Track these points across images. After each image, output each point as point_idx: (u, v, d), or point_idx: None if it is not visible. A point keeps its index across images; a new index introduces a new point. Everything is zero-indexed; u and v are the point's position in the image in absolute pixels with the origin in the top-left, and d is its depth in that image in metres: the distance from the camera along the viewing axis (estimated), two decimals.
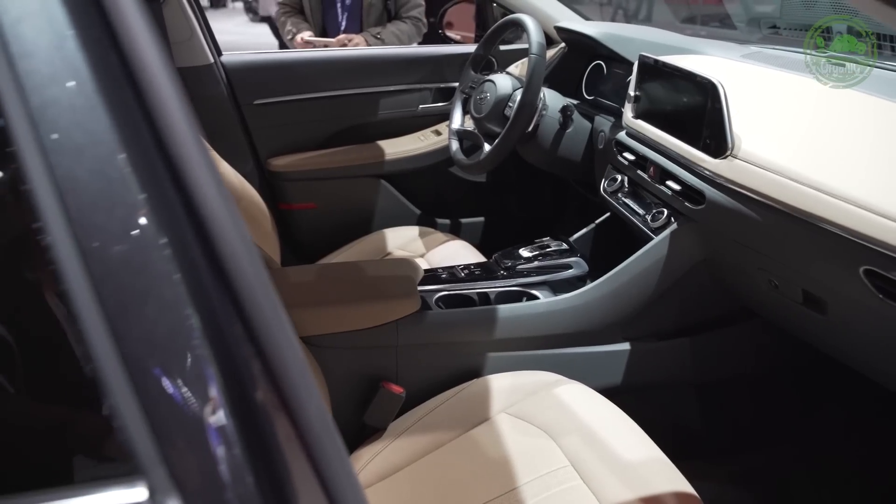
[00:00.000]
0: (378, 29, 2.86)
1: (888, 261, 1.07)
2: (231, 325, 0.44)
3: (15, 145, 0.39)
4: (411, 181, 2.55)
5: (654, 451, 1.26)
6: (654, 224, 1.65)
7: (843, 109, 1.39)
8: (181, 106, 0.45)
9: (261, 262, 0.46)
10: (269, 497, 0.44)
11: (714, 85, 1.45)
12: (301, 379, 0.45)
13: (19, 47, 0.40)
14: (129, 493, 0.40)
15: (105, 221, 0.42)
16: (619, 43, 2.02)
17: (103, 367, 0.40)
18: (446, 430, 1.39)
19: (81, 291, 0.39)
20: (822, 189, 1.18)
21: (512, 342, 1.62)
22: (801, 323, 1.47)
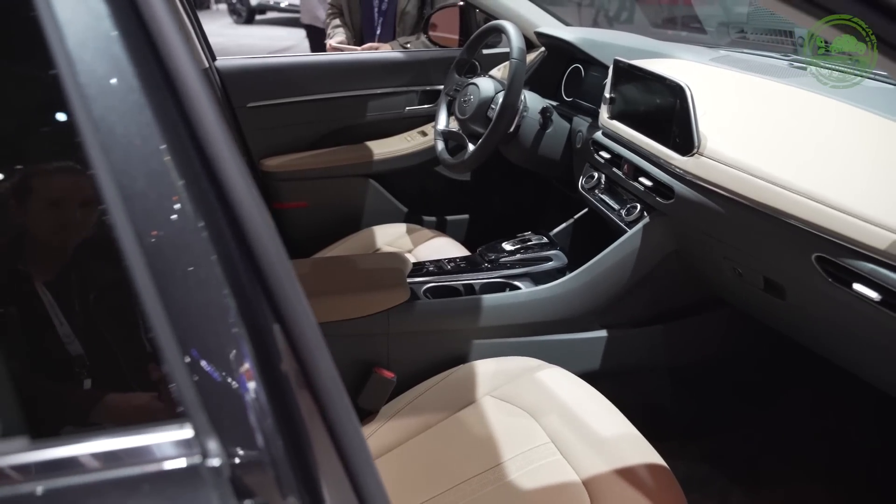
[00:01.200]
0: (408, 38, 2.89)
1: (837, 248, 1.16)
2: (259, 302, 0.52)
3: (83, 143, 0.47)
4: (398, 180, 2.58)
5: (629, 428, 1.34)
6: (628, 218, 1.73)
7: (800, 110, 1.48)
8: (212, 106, 0.52)
9: (282, 246, 0.53)
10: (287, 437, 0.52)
11: (682, 88, 1.52)
12: (319, 350, 0.53)
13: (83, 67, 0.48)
14: (180, 432, 0.48)
15: (153, 207, 0.49)
16: (596, 47, 2.09)
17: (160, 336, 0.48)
18: (435, 412, 1.45)
19: (139, 267, 0.47)
20: (779, 184, 1.27)
21: (496, 330, 1.69)
22: (765, 308, 1.56)
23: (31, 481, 0.45)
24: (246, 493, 0.49)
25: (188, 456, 0.47)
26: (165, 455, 0.47)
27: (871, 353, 1.32)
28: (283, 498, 0.52)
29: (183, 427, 0.48)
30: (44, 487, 0.44)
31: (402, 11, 2.94)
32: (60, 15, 0.47)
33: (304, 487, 0.53)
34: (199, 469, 0.47)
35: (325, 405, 0.55)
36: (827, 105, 1.44)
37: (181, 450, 0.47)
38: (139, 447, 0.46)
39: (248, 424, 0.50)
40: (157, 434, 0.47)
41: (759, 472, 1.80)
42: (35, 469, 0.45)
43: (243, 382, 0.51)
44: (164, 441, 0.47)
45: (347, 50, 2.82)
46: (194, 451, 0.47)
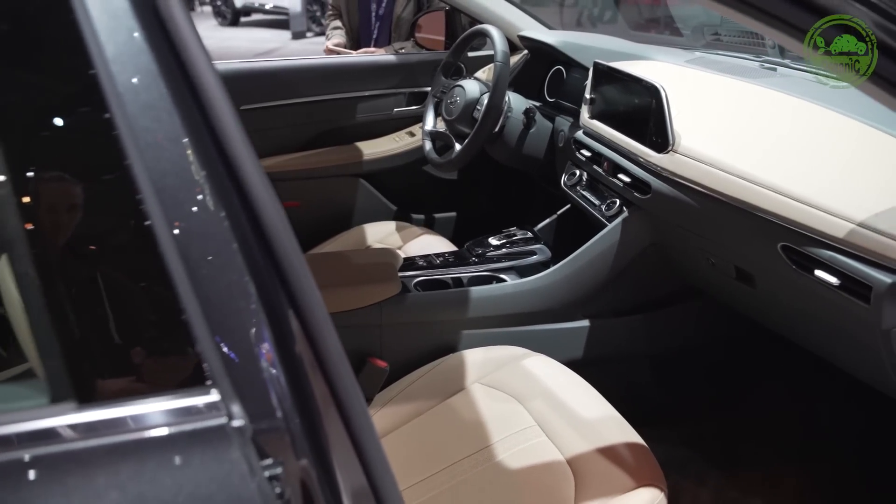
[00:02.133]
0: (403, 44, 2.93)
1: (800, 237, 1.24)
2: (275, 287, 0.59)
3: (120, 139, 0.53)
4: (387, 179, 2.63)
5: (610, 411, 1.41)
6: (609, 213, 1.80)
7: (768, 109, 1.56)
8: (230, 109, 0.59)
9: (294, 237, 0.60)
10: (300, 408, 0.58)
11: (657, 89, 1.60)
12: (327, 331, 0.60)
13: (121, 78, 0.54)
14: (207, 397, 0.54)
15: (180, 198, 0.56)
16: (576, 50, 2.16)
17: (190, 314, 0.54)
18: (427, 399, 1.51)
19: (170, 252, 0.54)
20: (747, 178, 1.35)
21: (483, 320, 1.75)
22: (737, 296, 1.64)
23: (82, 440, 0.51)
24: (265, 453, 0.56)
25: (215, 417, 0.54)
26: (196, 416, 0.53)
27: (834, 336, 1.40)
28: (297, 460, 0.58)
29: (210, 393, 0.54)
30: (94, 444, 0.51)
31: (397, 17, 2.99)
32: (102, 37, 0.53)
33: (314, 452, 0.59)
34: (225, 428, 0.54)
35: (333, 382, 0.62)
36: (792, 104, 1.52)
37: (210, 412, 0.54)
38: (174, 409, 0.53)
39: (266, 394, 0.57)
40: (189, 399, 0.54)
41: (736, 454, 1.87)
42: (85, 428, 0.51)
43: (262, 357, 0.57)
44: (194, 404, 0.54)
45: (343, 53, 2.88)
46: (221, 413, 0.54)
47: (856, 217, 1.15)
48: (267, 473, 0.55)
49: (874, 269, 1.12)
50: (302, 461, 0.59)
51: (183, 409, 0.53)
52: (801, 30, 0.83)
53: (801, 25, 0.83)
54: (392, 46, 2.94)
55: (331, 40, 3.00)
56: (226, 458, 0.54)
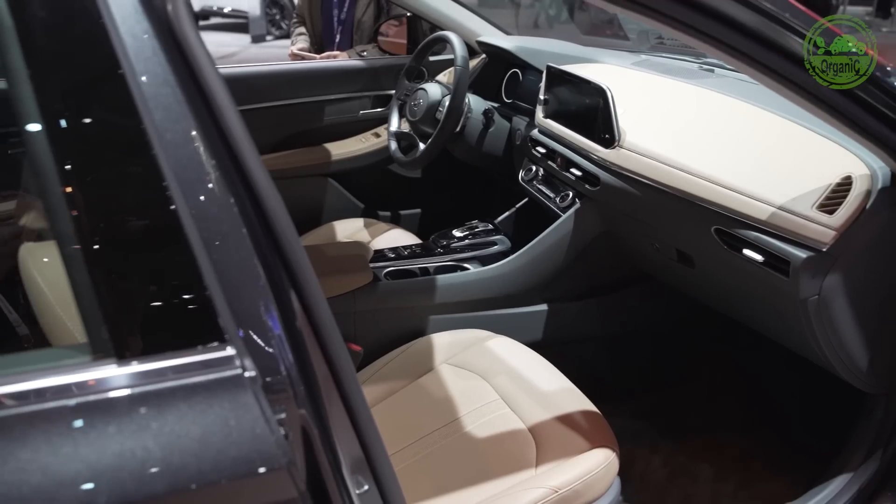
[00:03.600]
0: (365, 46, 3.00)
1: (730, 221, 1.38)
2: (278, 268, 0.70)
3: (147, 134, 0.64)
4: (355, 178, 2.71)
5: (566, 384, 1.52)
6: (562, 204, 1.92)
7: (703, 107, 1.70)
8: (233, 106, 0.70)
9: (292, 224, 0.70)
10: (300, 367, 0.69)
11: (604, 90, 1.73)
12: (322, 305, 0.71)
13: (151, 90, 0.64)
14: (224, 351, 0.65)
15: (196, 184, 0.66)
16: (531, 54, 2.28)
17: (210, 287, 0.65)
18: (399, 379, 1.60)
19: (191, 228, 0.64)
20: (684, 169, 1.48)
21: (449, 306, 1.86)
22: (680, 277, 1.78)
23: (123, 389, 0.61)
24: (271, 401, 0.67)
25: (232, 369, 0.65)
26: (217, 368, 0.64)
27: (764, 309, 1.54)
28: (298, 409, 0.69)
29: (227, 349, 0.65)
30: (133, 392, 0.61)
31: (358, 20, 3.06)
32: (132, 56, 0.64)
33: (311, 403, 0.71)
34: (240, 378, 0.64)
35: (326, 346, 0.73)
36: (725, 102, 1.66)
37: (227, 365, 0.64)
38: (199, 362, 0.63)
39: (272, 354, 0.68)
40: (211, 354, 0.64)
41: (684, 424, 2.00)
42: (126, 380, 0.62)
43: (269, 324, 0.68)
44: (215, 357, 0.64)
45: (307, 57, 2.96)
46: (237, 366, 0.65)
47: (776, 201, 1.30)
48: (274, 416, 0.66)
49: (791, 245, 1.27)
50: (301, 410, 0.70)
51: (206, 361, 0.64)
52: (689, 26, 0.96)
53: (692, 23, 0.96)
54: (354, 49, 3.02)
55: (295, 45, 3.08)
56: (241, 401, 0.64)
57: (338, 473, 0.74)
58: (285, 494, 0.66)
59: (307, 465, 0.69)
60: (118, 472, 0.59)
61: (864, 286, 1.30)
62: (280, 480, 0.65)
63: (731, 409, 2.06)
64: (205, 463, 0.61)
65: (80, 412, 0.60)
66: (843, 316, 1.30)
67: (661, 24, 0.99)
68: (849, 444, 1.51)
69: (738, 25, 0.99)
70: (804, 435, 1.90)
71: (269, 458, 0.64)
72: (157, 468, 0.60)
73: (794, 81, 1.06)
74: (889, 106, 1.11)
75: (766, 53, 1.02)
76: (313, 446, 0.71)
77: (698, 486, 1.79)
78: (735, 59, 1.03)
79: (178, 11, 0.68)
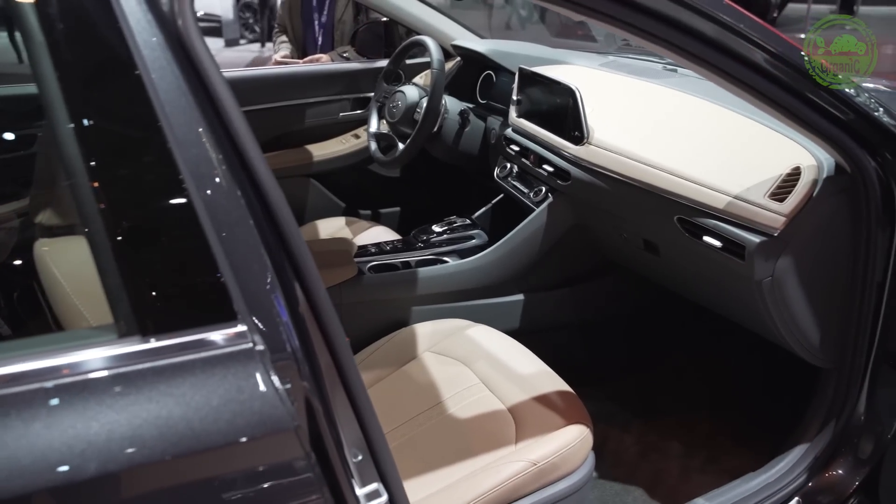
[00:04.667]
0: (346, 48, 3.04)
1: (690, 210, 1.48)
2: (282, 260, 0.77)
3: (163, 130, 0.71)
4: (336, 179, 2.77)
5: (542, 367, 1.60)
6: (536, 199, 2.01)
7: (667, 105, 1.80)
8: (238, 108, 0.77)
9: (293, 217, 0.78)
10: (302, 344, 0.77)
11: (573, 90, 1.82)
12: (323, 295, 0.79)
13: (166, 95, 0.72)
14: (236, 328, 0.72)
15: (207, 175, 0.73)
16: (503, 57, 2.36)
17: (223, 272, 0.72)
18: (384, 367, 1.67)
19: (205, 220, 0.72)
20: (649, 164, 1.58)
21: (430, 297, 1.94)
22: (647, 265, 1.87)
23: (148, 362, 0.69)
24: (278, 373, 0.74)
25: (244, 344, 0.72)
26: (230, 343, 0.71)
27: (725, 293, 1.64)
28: (301, 381, 0.77)
29: (239, 326, 0.73)
30: (155, 364, 0.69)
31: (338, 20, 3.12)
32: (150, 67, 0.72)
33: (313, 376, 0.78)
34: (251, 351, 0.72)
35: (325, 327, 0.81)
36: (687, 100, 1.76)
37: (240, 340, 0.72)
38: (215, 337, 0.71)
39: (279, 332, 0.75)
40: (225, 330, 0.72)
41: (654, 405, 2.10)
42: (150, 354, 0.69)
43: (275, 306, 0.76)
44: (229, 333, 0.72)
45: (291, 63, 3.02)
46: (248, 341, 0.72)
47: (732, 191, 1.39)
48: (282, 386, 0.74)
49: (746, 231, 1.37)
50: (304, 382, 0.78)
51: (220, 337, 0.72)
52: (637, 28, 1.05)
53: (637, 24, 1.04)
54: (336, 51, 3.08)
55: (279, 53, 3.14)
56: (252, 372, 0.72)
57: (337, 440, 0.82)
58: (293, 454, 0.73)
59: (310, 431, 0.77)
60: (149, 433, 0.66)
61: (814, 267, 1.40)
62: (289, 441, 0.73)
63: (699, 389, 2.16)
64: (223, 424, 0.69)
65: (113, 382, 0.67)
66: (795, 295, 1.40)
67: (602, 22, 1.07)
68: (805, 416, 1.61)
69: (683, 26, 1.08)
70: (767, 411, 2.00)
71: (279, 422, 0.72)
72: (181, 429, 0.68)
73: (745, 82, 1.16)
74: (833, 105, 1.21)
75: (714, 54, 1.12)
76: (315, 415, 0.78)
77: (668, 462, 1.88)
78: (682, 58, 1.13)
79: (187, 25, 0.75)
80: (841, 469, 1.55)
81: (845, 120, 1.24)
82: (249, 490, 0.72)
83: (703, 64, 1.13)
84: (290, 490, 0.74)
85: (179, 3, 0.74)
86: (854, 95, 1.23)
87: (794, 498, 1.54)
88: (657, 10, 1.05)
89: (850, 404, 1.52)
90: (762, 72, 1.16)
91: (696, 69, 1.17)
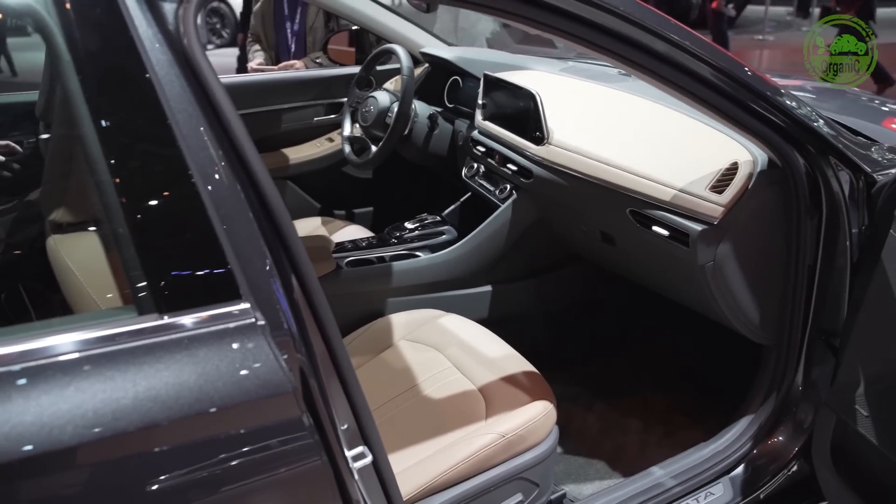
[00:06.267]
0: (318, 54, 3.12)
1: (641, 203, 1.60)
2: (281, 262, 0.88)
3: (173, 129, 0.82)
4: (311, 181, 2.83)
5: (509, 350, 1.70)
6: (501, 196, 2.12)
7: (621, 108, 1.93)
8: (236, 114, 0.88)
9: (286, 208, 0.89)
10: (297, 322, 0.87)
11: (534, 94, 1.94)
12: (314, 281, 0.89)
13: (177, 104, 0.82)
14: (241, 306, 0.83)
15: (208, 164, 0.84)
16: (469, 63, 2.47)
17: (229, 257, 0.83)
18: (363, 355, 1.76)
19: (213, 214, 0.82)
20: (604, 161, 1.70)
21: (404, 289, 2.04)
22: (604, 256, 2.00)
23: (166, 335, 0.79)
24: (276, 345, 0.85)
25: (247, 319, 0.83)
26: (235, 318, 0.82)
27: (673, 279, 1.77)
28: (296, 353, 0.88)
29: (243, 304, 0.83)
30: (172, 337, 0.79)
31: (310, 27, 3.20)
32: (161, 75, 0.82)
33: (306, 350, 0.89)
34: (254, 325, 0.83)
35: (316, 308, 0.92)
36: (638, 103, 1.89)
37: (244, 315, 0.82)
38: (222, 313, 0.81)
39: (277, 310, 0.86)
40: (231, 307, 0.82)
41: (616, 386, 2.21)
42: (167, 328, 0.79)
43: (275, 287, 0.87)
44: (234, 310, 0.82)
45: (267, 70, 3.09)
46: (251, 317, 0.83)
47: (677, 184, 1.52)
48: (280, 355, 0.84)
49: (690, 221, 1.50)
50: (299, 355, 0.88)
51: (227, 313, 0.82)
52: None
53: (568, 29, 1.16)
54: (309, 57, 3.15)
55: (254, 61, 3.22)
56: (256, 343, 0.83)
57: (328, 406, 0.93)
58: (292, 414, 0.84)
59: (304, 396, 0.88)
60: (168, 394, 0.76)
61: (751, 252, 1.53)
62: (288, 402, 0.84)
63: (657, 371, 2.29)
64: (231, 387, 0.80)
65: (136, 352, 0.77)
66: (735, 278, 1.54)
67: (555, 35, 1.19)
68: (750, 391, 1.74)
69: (632, 41, 1.20)
70: (718, 389, 2.12)
71: (279, 385, 0.83)
72: (194, 392, 0.78)
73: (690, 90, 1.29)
74: (767, 109, 1.35)
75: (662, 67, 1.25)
76: (308, 382, 0.89)
77: (628, 437, 2.01)
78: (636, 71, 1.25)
79: (191, 44, 0.86)
80: (782, 436, 1.68)
81: (777, 122, 1.37)
82: (254, 445, 0.82)
83: (653, 75, 1.26)
84: (288, 444, 0.85)
85: (185, 25, 0.85)
86: (785, 100, 1.36)
87: (741, 464, 1.67)
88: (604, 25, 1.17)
89: (788, 378, 1.65)
90: (706, 82, 1.29)
91: (646, 80, 1.29)
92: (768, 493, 1.68)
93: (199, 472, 0.79)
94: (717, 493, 1.64)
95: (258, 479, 0.83)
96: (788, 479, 1.69)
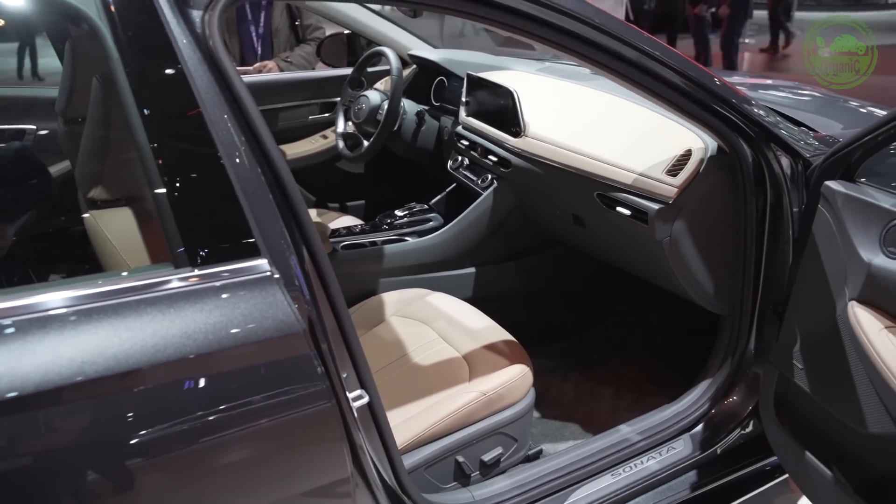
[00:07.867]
0: (287, 54, 3.24)
1: (606, 187, 1.76)
2: (292, 229, 1.04)
3: (204, 116, 0.97)
4: (307, 175, 2.94)
5: (491, 323, 1.85)
6: (483, 185, 2.28)
7: (591, 103, 2.08)
8: (253, 102, 1.03)
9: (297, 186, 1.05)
10: (306, 281, 1.03)
11: (512, 92, 2.10)
12: (322, 252, 1.05)
13: (206, 95, 0.98)
14: (259, 261, 0.98)
15: (232, 147, 1.00)
16: (453, 64, 2.62)
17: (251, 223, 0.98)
18: (357, 330, 1.87)
19: (237, 185, 0.98)
20: (574, 150, 1.86)
21: (395, 271, 2.19)
22: (577, 238, 2.16)
23: (198, 284, 0.94)
24: (290, 295, 1.00)
25: (266, 272, 0.98)
26: (256, 271, 0.98)
27: (636, 255, 1.92)
28: (305, 305, 1.03)
29: (262, 260, 0.99)
30: (204, 286, 0.95)
31: (276, 29, 3.28)
32: (192, 71, 0.98)
33: (313, 302, 1.05)
34: (271, 278, 0.98)
35: (320, 266, 1.07)
36: (605, 98, 2.05)
37: (263, 269, 0.98)
38: (245, 267, 0.97)
39: (291, 268, 1.02)
40: (252, 262, 0.98)
41: (590, 359, 2.36)
42: (199, 277, 0.95)
43: (286, 247, 1.02)
44: (255, 265, 0.98)
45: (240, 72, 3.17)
46: (269, 270, 0.98)
47: (637, 169, 1.69)
48: (293, 304, 1.00)
49: (648, 201, 1.66)
50: (307, 306, 1.04)
51: (249, 267, 0.98)
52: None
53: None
54: (280, 57, 3.25)
55: None
56: (273, 293, 0.99)
57: (329, 347, 1.08)
58: (303, 350, 1.00)
59: (312, 338, 1.04)
60: (201, 332, 0.92)
61: (703, 229, 1.69)
62: (300, 341, 0.99)
63: (629, 344, 2.44)
64: (252, 327, 0.95)
65: (175, 298, 0.93)
66: (691, 252, 1.69)
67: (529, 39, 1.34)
68: (709, 357, 1.89)
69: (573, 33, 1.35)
70: (684, 359, 2.26)
71: (292, 326, 0.98)
72: (222, 331, 0.94)
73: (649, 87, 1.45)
74: (713, 101, 1.50)
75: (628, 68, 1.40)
76: (314, 329, 1.05)
77: (600, 404, 2.16)
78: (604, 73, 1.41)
79: (216, 45, 1.01)
80: (737, 396, 1.83)
81: (724, 113, 1.52)
82: (270, 375, 0.98)
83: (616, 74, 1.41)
84: (298, 376, 1.00)
85: (210, 28, 1.01)
86: (730, 95, 1.51)
87: (701, 422, 1.82)
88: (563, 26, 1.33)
89: (742, 344, 1.79)
90: (662, 79, 1.43)
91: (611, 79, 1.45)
92: (725, 449, 1.81)
93: (223, 401, 0.94)
94: (678, 447, 1.78)
95: (270, 406, 0.98)
96: (743, 437, 1.83)
